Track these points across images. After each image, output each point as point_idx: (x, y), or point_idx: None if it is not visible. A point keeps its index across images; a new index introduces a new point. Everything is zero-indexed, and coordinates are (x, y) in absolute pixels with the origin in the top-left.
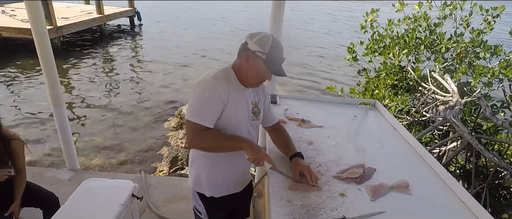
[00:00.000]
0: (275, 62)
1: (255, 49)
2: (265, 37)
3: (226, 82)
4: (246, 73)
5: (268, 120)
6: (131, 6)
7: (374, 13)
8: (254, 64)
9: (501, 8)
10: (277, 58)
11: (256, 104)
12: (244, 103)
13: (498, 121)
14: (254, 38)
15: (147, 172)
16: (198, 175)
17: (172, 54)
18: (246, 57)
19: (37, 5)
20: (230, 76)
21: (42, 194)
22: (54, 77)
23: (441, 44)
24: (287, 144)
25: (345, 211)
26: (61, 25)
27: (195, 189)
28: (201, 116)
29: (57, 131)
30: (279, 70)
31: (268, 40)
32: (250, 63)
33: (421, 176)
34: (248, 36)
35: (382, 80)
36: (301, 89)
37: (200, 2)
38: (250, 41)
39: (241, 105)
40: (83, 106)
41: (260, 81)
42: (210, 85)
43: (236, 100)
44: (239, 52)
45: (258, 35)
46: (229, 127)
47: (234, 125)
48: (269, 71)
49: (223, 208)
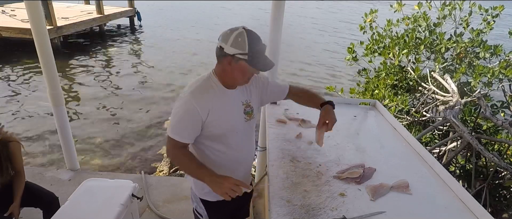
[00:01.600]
0: (259, 57)
1: (233, 53)
2: (239, 36)
3: (206, 93)
4: (232, 77)
5: (280, 94)
6: (131, 6)
7: (373, 14)
8: (237, 66)
9: (501, 7)
10: (260, 52)
11: (248, 103)
12: (234, 106)
13: (498, 121)
14: (228, 41)
15: (147, 172)
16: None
17: (172, 54)
18: (227, 62)
19: (37, 5)
20: (212, 83)
21: (42, 194)
22: (54, 77)
23: (441, 44)
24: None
25: (345, 211)
26: (61, 25)
27: (200, 195)
28: (177, 133)
29: (57, 131)
30: (265, 64)
31: (244, 38)
32: (233, 67)
33: (421, 176)
34: (221, 40)
35: (382, 80)
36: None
37: (200, 2)
38: (226, 44)
39: (230, 110)
40: (83, 106)
41: (248, 79)
42: (186, 103)
43: (223, 106)
44: (217, 57)
45: (231, 36)
46: (223, 133)
47: (227, 130)
48: (256, 70)
49: (225, 210)
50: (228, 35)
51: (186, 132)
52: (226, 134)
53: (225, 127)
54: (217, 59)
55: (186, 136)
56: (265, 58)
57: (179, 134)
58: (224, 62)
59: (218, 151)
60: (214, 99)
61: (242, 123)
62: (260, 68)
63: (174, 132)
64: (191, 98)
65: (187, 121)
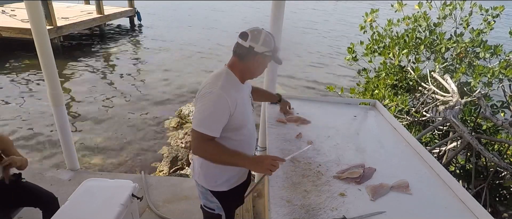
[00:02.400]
0: (277, 53)
1: (263, 51)
2: (267, 37)
3: (232, 88)
4: (255, 72)
5: None
6: (131, 6)
7: (373, 13)
8: (263, 62)
9: (501, 8)
10: (277, 49)
11: (250, 95)
12: (247, 98)
13: (498, 121)
14: (258, 40)
15: (147, 172)
16: (213, 174)
17: (172, 54)
18: (256, 59)
19: (37, 5)
20: (233, 79)
21: (42, 194)
22: (54, 77)
23: (441, 44)
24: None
25: (345, 211)
26: (61, 25)
27: (212, 188)
28: (208, 127)
29: (57, 131)
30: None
31: (270, 37)
32: (261, 63)
33: (421, 176)
34: (251, 40)
35: (382, 80)
36: (301, 89)
37: (200, 2)
38: (256, 44)
39: (246, 103)
40: (83, 106)
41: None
42: (218, 97)
43: (242, 101)
44: (240, 55)
45: (259, 35)
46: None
47: (244, 120)
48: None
49: (236, 197)
50: (256, 35)
51: (217, 125)
52: (244, 124)
53: (245, 117)
54: (242, 57)
55: (216, 129)
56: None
57: (210, 127)
58: (253, 60)
59: (235, 140)
60: (237, 92)
61: (251, 113)
62: (280, 61)
63: (205, 125)
64: (223, 92)
65: (219, 115)
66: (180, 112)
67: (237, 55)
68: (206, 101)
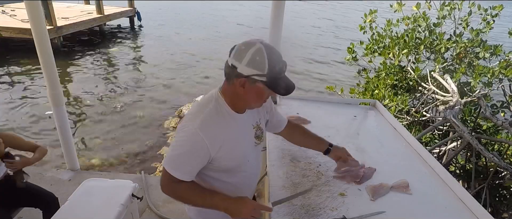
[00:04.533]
0: (279, 79)
1: (249, 73)
2: (256, 53)
3: (217, 124)
4: (245, 100)
5: (280, 124)
6: (131, 6)
7: (373, 14)
8: (253, 89)
9: (500, 7)
10: (280, 73)
11: (258, 125)
12: (246, 132)
13: (498, 121)
14: (243, 58)
15: (147, 172)
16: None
17: (172, 54)
18: (240, 84)
19: (37, 5)
20: (221, 109)
21: (42, 194)
22: (54, 77)
23: (441, 44)
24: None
25: (345, 211)
26: (61, 25)
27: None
28: (177, 169)
29: (57, 131)
30: (287, 87)
31: (262, 55)
32: (247, 89)
33: (421, 176)
34: (233, 57)
35: (382, 80)
36: (301, 89)
37: (200, 2)
38: (239, 63)
39: (241, 139)
40: (83, 106)
41: (264, 101)
42: (193, 137)
43: (235, 137)
44: (226, 75)
45: (247, 52)
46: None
47: (238, 161)
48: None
49: None
50: (242, 51)
51: (187, 168)
52: (236, 166)
53: (236, 159)
54: (227, 78)
55: (186, 172)
56: (287, 79)
57: (178, 169)
58: (237, 84)
59: (224, 182)
60: (225, 130)
61: (252, 150)
62: (281, 92)
63: (172, 166)
64: (200, 131)
65: (192, 158)
66: (180, 112)
67: (225, 76)
68: (180, 137)
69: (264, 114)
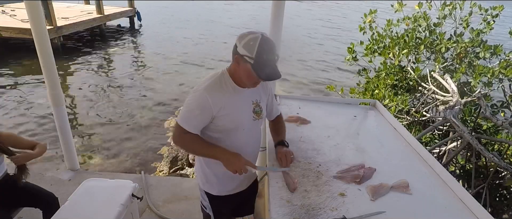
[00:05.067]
0: (264, 66)
1: (243, 53)
2: (252, 40)
3: (220, 90)
4: (240, 76)
5: (272, 114)
6: (131, 6)
7: (372, 14)
8: (243, 67)
9: (500, 7)
10: (267, 61)
11: (258, 103)
12: (245, 104)
13: (498, 121)
14: (242, 41)
15: (147, 172)
16: (206, 174)
17: (172, 54)
18: (236, 61)
19: (37, 5)
20: (225, 81)
21: (42, 194)
22: (54, 77)
23: (441, 44)
24: (278, 133)
25: (345, 211)
26: (61, 25)
27: (203, 187)
28: (186, 122)
29: (57, 131)
30: (269, 74)
31: (255, 42)
32: (241, 67)
33: (421, 176)
34: (238, 38)
35: (382, 80)
36: (301, 89)
37: (200, 2)
38: (239, 44)
39: (240, 107)
40: (83, 106)
41: (255, 83)
42: (200, 97)
43: (234, 104)
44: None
45: (246, 37)
46: (230, 129)
47: (234, 126)
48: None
49: (228, 205)
50: (244, 36)
51: (194, 122)
52: (232, 130)
53: (233, 123)
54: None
55: (193, 126)
56: (272, 69)
57: (187, 123)
58: (235, 61)
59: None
60: (226, 96)
61: (249, 121)
62: (262, 76)
63: (183, 120)
64: (205, 92)
65: (198, 113)
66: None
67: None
68: (190, 98)
69: (265, 96)
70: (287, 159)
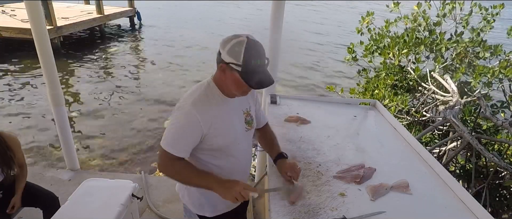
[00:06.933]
0: (254, 72)
1: (228, 61)
2: (237, 45)
3: (208, 104)
4: (227, 86)
5: (260, 122)
6: (131, 6)
7: (369, 16)
8: (231, 76)
9: (501, 6)
10: (256, 67)
11: (248, 111)
12: (235, 116)
13: (498, 121)
14: (225, 46)
15: (147, 172)
16: (197, 198)
17: (172, 54)
18: (221, 69)
19: (37, 5)
20: (212, 92)
21: (42, 194)
22: (54, 77)
23: (441, 44)
24: (272, 145)
25: (345, 211)
26: (61, 25)
27: (195, 211)
28: (173, 145)
29: (57, 131)
30: (260, 81)
31: (241, 48)
32: (227, 75)
33: (421, 176)
34: (221, 44)
35: (382, 80)
36: (301, 89)
37: (200, 2)
38: (222, 50)
39: (231, 120)
40: (83, 106)
41: (244, 92)
42: (187, 114)
43: (225, 117)
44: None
45: (230, 42)
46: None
47: (229, 142)
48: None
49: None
50: (227, 40)
51: (183, 145)
52: (227, 146)
53: (227, 139)
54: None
55: (182, 149)
56: (262, 74)
57: (175, 147)
58: (220, 69)
59: (215, 166)
60: (216, 109)
61: (242, 134)
62: (252, 85)
63: (169, 144)
64: (193, 108)
65: (186, 134)
66: None
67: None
68: (175, 117)
69: (253, 103)
70: (296, 173)
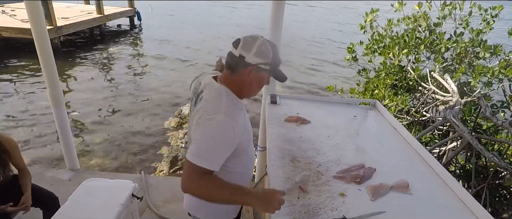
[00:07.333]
0: (278, 67)
1: (257, 62)
2: (263, 45)
3: (238, 112)
4: (251, 87)
5: None
6: (131, 6)
7: (373, 13)
8: (258, 76)
9: (500, 7)
10: (279, 63)
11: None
12: (247, 117)
13: (498, 121)
14: (250, 50)
15: (147, 172)
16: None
17: (172, 54)
18: (247, 72)
19: (37, 5)
20: (234, 98)
21: (42, 194)
22: (54, 77)
23: (441, 44)
24: None
25: (345, 211)
26: (61, 25)
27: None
28: (207, 158)
29: (57, 131)
30: (285, 75)
31: (267, 47)
32: (252, 77)
33: (421, 176)
34: (242, 48)
35: (382, 80)
36: (301, 89)
37: (200, 2)
38: (248, 54)
39: (247, 123)
40: (83, 106)
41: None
42: (221, 124)
43: (246, 122)
44: (231, 66)
45: (254, 44)
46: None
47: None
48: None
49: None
50: (249, 43)
51: (219, 158)
52: (251, 151)
53: (251, 143)
54: (233, 69)
55: (216, 162)
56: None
57: (209, 159)
58: (244, 72)
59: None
60: (241, 115)
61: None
62: (281, 78)
63: (204, 158)
64: (227, 118)
65: (222, 145)
66: (180, 112)
67: (229, 67)
68: (208, 130)
69: None
70: None
